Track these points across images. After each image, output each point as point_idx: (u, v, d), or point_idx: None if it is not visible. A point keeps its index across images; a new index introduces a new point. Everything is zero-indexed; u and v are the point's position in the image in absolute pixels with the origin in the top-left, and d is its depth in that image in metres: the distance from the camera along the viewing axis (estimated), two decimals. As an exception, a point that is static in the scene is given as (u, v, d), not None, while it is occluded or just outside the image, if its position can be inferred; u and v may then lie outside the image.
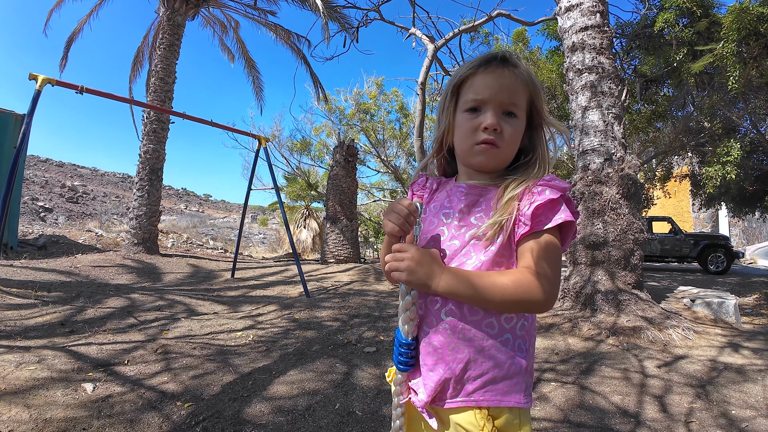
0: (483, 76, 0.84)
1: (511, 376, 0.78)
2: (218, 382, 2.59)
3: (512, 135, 0.84)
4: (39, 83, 3.98)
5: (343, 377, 2.82)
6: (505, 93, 0.83)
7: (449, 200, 0.91)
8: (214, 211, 34.22)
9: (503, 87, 0.83)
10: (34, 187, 21.00)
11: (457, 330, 0.78)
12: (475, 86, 0.85)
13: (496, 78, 0.83)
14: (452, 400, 0.79)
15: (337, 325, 4.13)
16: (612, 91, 4.81)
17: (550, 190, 0.78)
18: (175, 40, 9.04)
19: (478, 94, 0.84)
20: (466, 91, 0.86)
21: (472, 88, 0.85)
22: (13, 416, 1.96)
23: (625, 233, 4.28)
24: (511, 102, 0.84)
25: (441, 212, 0.90)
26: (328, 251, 9.44)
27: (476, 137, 0.84)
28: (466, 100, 0.86)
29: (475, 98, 0.84)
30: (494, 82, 0.83)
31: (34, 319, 3.77)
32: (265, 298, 5.34)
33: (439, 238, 0.87)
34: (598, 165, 4.58)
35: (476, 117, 0.84)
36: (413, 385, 0.85)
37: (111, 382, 2.47)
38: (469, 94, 0.85)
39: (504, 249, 0.80)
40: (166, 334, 3.54)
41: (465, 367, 0.78)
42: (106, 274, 6.17)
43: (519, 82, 0.84)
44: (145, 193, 8.31)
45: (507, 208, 0.79)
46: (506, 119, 0.84)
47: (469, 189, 0.89)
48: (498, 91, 0.83)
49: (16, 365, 2.52)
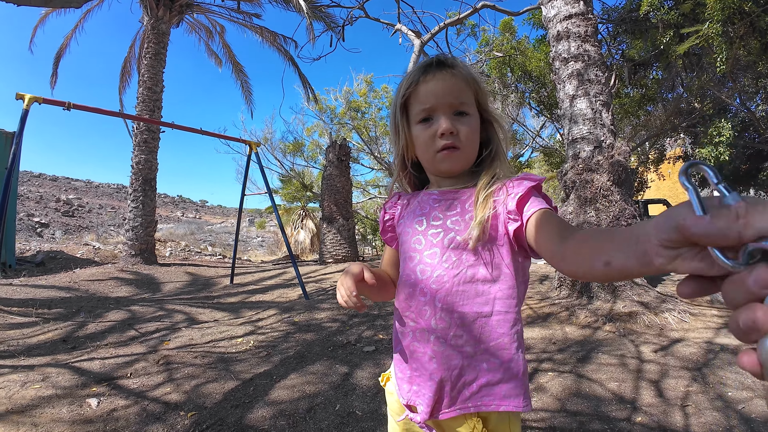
0: (425, 85, 0.84)
1: (507, 380, 0.78)
2: (220, 389, 2.62)
3: (469, 133, 0.84)
4: (26, 102, 3.99)
5: (343, 378, 2.85)
6: (450, 95, 0.83)
7: (421, 208, 0.91)
8: (211, 216, 34.18)
9: (446, 90, 0.83)
10: (29, 203, 20.93)
11: (448, 338, 0.79)
12: (420, 97, 0.85)
13: (437, 83, 0.83)
14: (449, 409, 0.79)
15: (337, 326, 4.16)
16: (599, 78, 4.83)
17: (527, 180, 0.78)
18: (160, 49, 9.01)
19: (424, 103, 0.84)
20: (413, 104, 0.87)
21: (417, 100, 0.85)
22: (20, 436, 1.98)
23: (617, 219, 4.31)
24: (459, 101, 0.84)
25: (414, 221, 0.90)
26: (326, 251, 9.47)
27: (435, 145, 0.84)
28: (416, 113, 0.86)
29: (423, 108, 0.85)
30: (436, 87, 0.83)
31: (36, 337, 3.79)
32: (265, 303, 5.37)
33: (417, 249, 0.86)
34: (588, 153, 4.61)
35: (430, 126, 0.85)
36: (410, 401, 0.85)
37: (115, 395, 2.50)
38: (417, 105, 0.86)
39: (486, 250, 0.79)
40: (168, 345, 3.57)
41: (459, 373, 0.78)
42: (106, 287, 6.19)
43: (460, 81, 0.84)
44: (140, 204, 8.31)
45: (485, 207, 0.78)
46: (459, 119, 0.84)
47: (441, 195, 0.89)
48: (443, 95, 0.83)
49: (21, 384, 2.55)
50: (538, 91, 10.31)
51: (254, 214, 27.15)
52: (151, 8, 8.93)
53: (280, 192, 15.30)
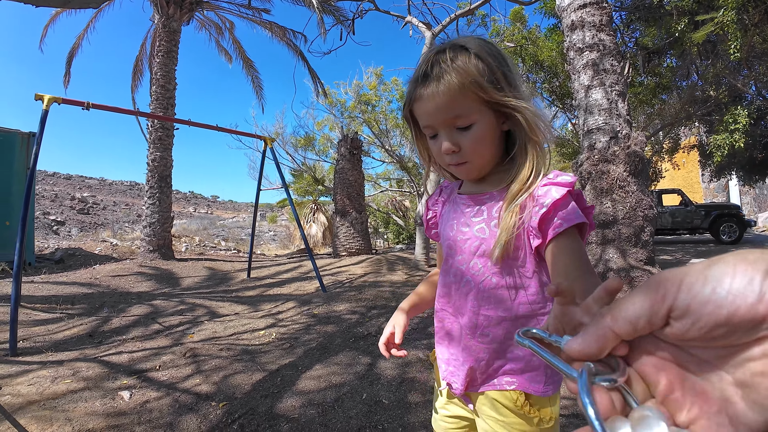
0: (418, 104, 0.80)
1: (530, 370, 0.83)
2: (248, 380, 2.69)
3: (473, 145, 0.79)
4: (46, 103, 4.00)
5: (367, 368, 2.90)
6: (442, 112, 0.77)
7: (454, 211, 0.91)
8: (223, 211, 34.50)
9: (437, 108, 0.77)
10: (45, 202, 21.30)
11: (476, 335, 0.85)
12: (419, 116, 0.82)
13: (427, 103, 0.78)
14: (484, 385, 0.86)
15: (356, 318, 4.22)
16: (614, 68, 4.79)
17: (555, 188, 0.74)
18: (172, 47, 9.08)
19: (424, 122, 0.82)
20: (418, 120, 0.84)
21: (419, 117, 0.83)
22: (56, 430, 2.02)
23: (634, 210, 4.30)
24: (454, 116, 0.77)
25: (447, 225, 0.91)
26: (340, 244, 9.54)
27: (443, 161, 0.83)
28: (423, 128, 0.84)
29: (425, 126, 0.83)
30: (428, 107, 0.78)
31: (62, 332, 3.90)
32: (283, 296, 5.45)
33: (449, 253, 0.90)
34: (603, 144, 4.59)
35: (436, 142, 0.82)
36: (446, 378, 0.92)
37: (146, 388, 2.58)
38: (420, 122, 0.83)
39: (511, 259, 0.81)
40: (192, 338, 3.66)
41: (487, 363, 0.85)
42: (126, 282, 6.32)
43: (452, 92, 0.75)
44: (156, 201, 8.44)
45: (510, 224, 0.76)
46: (461, 133, 0.79)
47: (470, 199, 0.88)
48: (435, 114, 0.78)
49: (51, 380, 2.62)
50: (550, 81, 10.22)
51: (266, 209, 27.36)
52: (162, 6, 9.00)
53: (292, 186, 15.40)
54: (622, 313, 0.28)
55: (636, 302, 0.27)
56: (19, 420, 2.07)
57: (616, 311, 0.28)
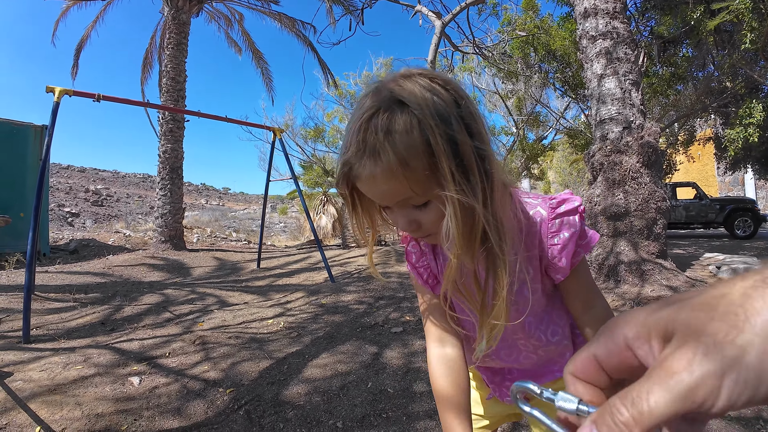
0: (358, 182, 0.61)
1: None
2: (255, 368, 2.71)
3: (434, 222, 0.62)
4: (57, 95, 4.05)
5: (373, 358, 2.91)
6: (387, 198, 0.61)
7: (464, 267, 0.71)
8: (234, 203, 34.78)
9: (381, 194, 0.60)
10: (59, 194, 21.66)
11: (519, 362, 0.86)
12: (362, 189, 0.62)
13: (366, 184, 0.60)
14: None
15: (364, 308, 4.23)
16: (628, 56, 4.69)
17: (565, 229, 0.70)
18: (182, 39, 9.11)
19: (371, 197, 0.63)
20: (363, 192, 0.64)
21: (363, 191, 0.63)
22: (65, 415, 2.06)
23: (647, 202, 4.23)
24: (404, 198, 0.60)
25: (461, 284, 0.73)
26: (349, 235, 9.57)
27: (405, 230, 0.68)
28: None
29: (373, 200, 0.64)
30: (368, 189, 0.61)
31: (74, 321, 3.97)
32: (292, 286, 5.49)
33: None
34: (616, 134, 4.51)
35: (390, 213, 0.65)
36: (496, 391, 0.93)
37: (155, 374, 2.62)
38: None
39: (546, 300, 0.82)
40: (202, 326, 3.70)
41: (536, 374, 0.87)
42: (138, 272, 6.41)
43: (393, 174, 0.56)
44: (168, 192, 8.53)
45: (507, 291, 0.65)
46: (418, 210, 0.62)
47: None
48: (382, 199, 0.62)
49: (63, 366, 2.67)
50: (562, 71, 10.06)
51: (276, 201, 27.51)
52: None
53: (301, 178, 15.42)
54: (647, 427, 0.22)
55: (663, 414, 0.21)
56: (30, 405, 2.11)
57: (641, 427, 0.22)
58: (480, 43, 9.76)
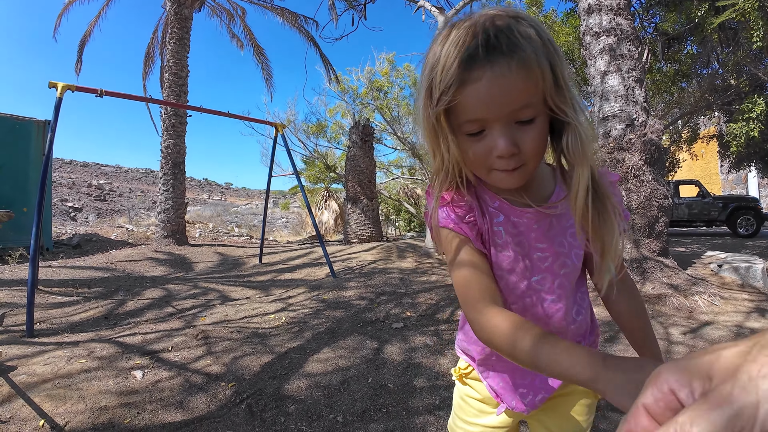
0: (472, 88, 0.57)
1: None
2: (257, 362, 2.74)
3: (535, 145, 0.61)
4: (59, 91, 4.02)
5: (374, 353, 2.93)
6: (509, 102, 0.57)
7: (514, 228, 0.72)
8: (236, 198, 34.83)
9: (503, 93, 0.57)
10: (62, 189, 21.72)
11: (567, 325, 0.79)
12: (465, 106, 0.59)
13: (490, 87, 0.56)
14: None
15: (365, 304, 4.25)
16: (631, 53, 4.67)
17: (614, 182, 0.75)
18: (184, 34, 9.09)
19: (472, 114, 0.59)
20: (456, 113, 0.61)
21: (462, 109, 0.59)
22: (69, 408, 2.08)
23: (648, 200, 4.22)
24: (523, 106, 0.58)
25: (511, 245, 0.72)
26: (351, 231, 9.58)
27: (490, 164, 0.63)
28: (461, 123, 0.61)
29: (469, 120, 0.60)
30: (489, 93, 0.57)
31: (78, 315, 4.00)
32: (294, 281, 5.51)
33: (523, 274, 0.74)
34: (619, 131, 4.50)
35: (481, 140, 0.61)
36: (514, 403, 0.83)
37: (158, 368, 2.64)
38: (461, 115, 0.60)
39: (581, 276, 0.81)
40: (204, 321, 3.72)
41: None
42: (141, 267, 6.44)
43: (523, 75, 0.56)
44: (170, 187, 8.54)
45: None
46: (522, 129, 0.60)
47: (537, 215, 0.72)
48: (497, 102, 0.57)
49: (66, 360, 2.69)
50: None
51: (278, 196, 27.54)
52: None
53: (303, 173, 15.45)
54: None
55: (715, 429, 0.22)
56: (34, 398, 2.13)
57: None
58: (483, 38, 9.72)
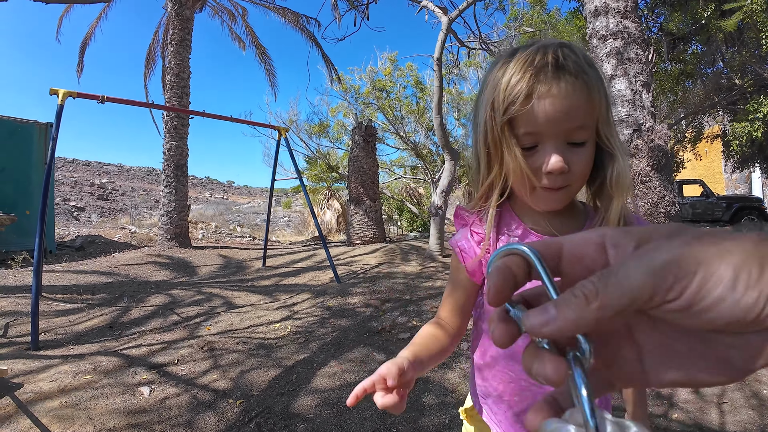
0: (538, 102, 0.61)
1: None
2: (264, 377, 2.72)
3: (583, 168, 0.64)
4: (60, 98, 3.95)
5: (382, 367, 2.91)
6: (569, 120, 0.61)
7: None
8: (238, 197, 34.82)
9: (564, 112, 0.60)
10: (65, 188, 21.73)
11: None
12: (527, 116, 0.62)
13: (554, 102, 0.60)
14: None
15: (370, 312, 4.22)
16: (639, 57, 4.62)
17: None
18: (185, 35, 9.04)
19: (530, 126, 0.62)
20: (516, 124, 0.64)
21: (522, 120, 0.63)
22: (78, 429, 2.05)
23: (656, 207, 4.19)
24: (578, 126, 0.62)
25: None
26: (354, 233, 9.55)
27: (537, 181, 0.65)
28: (518, 136, 0.64)
29: (527, 132, 0.63)
30: (552, 108, 0.60)
31: (82, 324, 3.98)
32: (298, 287, 5.49)
33: None
34: (626, 136, 4.45)
35: (533, 155, 0.64)
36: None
37: (165, 383, 2.63)
38: (521, 128, 0.64)
39: None
40: (209, 330, 3.71)
41: None
42: (145, 271, 6.43)
43: (585, 96, 0.61)
44: (173, 190, 8.52)
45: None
46: (573, 150, 0.63)
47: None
48: (559, 118, 0.61)
49: (73, 375, 2.68)
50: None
51: (280, 194, 27.50)
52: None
53: (306, 173, 15.42)
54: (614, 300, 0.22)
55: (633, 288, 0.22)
56: (42, 419, 2.12)
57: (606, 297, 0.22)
58: (486, 38, 9.65)
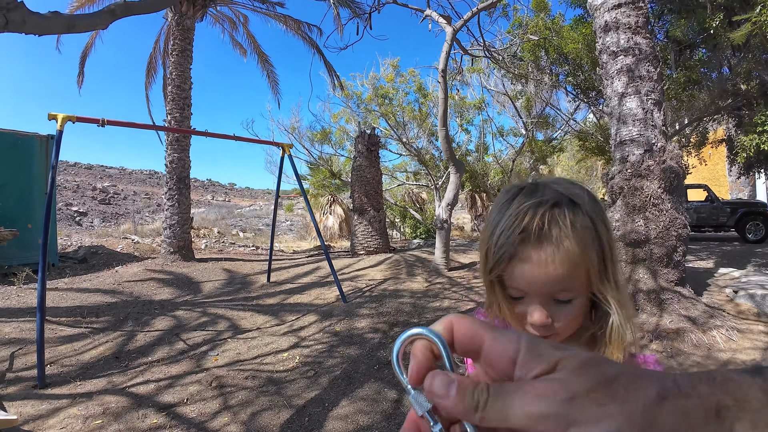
0: (519, 266, 0.64)
1: None
2: (276, 420, 2.67)
3: (568, 322, 0.67)
4: (60, 123, 3.83)
5: (394, 406, 2.86)
6: (550, 284, 0.63)
7: None
8: (240, 199, 34.79)
9: (546, 278, 0.63)
10: (67, 193, 21.69)
11: None
12: (514, 274, 0.65)
13: (534, 267, 0.63)
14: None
15: (378, 338, 4.17)
16: (650, 74, 4.54)
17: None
18: (186, 45, 8.98)
19: (518, 284, 0.65)
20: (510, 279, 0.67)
21: (512, 276, 0.66)
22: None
23: (667, 230, 4.12)
24: (562, 290, 0.64)
25: None
26: (358, 243, 9.50)
27: (524, 324, 0.69)
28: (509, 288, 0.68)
29: (515, 288, 0.66)
30: (531, 272, 0.63)
31: (88, 352, 3.94)
32: (303, 306, 5.43)
33: None
34: (637, 157, 4.39)
35: (521, 304, 0.68)
36: None
37: (176, 427, 2.58)
38: (509, 280, 0.67)
39: None
40: (216, 361, 3.66)
41: None
42: (148, 289, 6.38)
43: (570, 263, 0.62)
44: (176, 202, 8.47)
45: None
46: (558, 306, 0.66)
47: None
48: (540, 284, 0.63)
49: (83, 421, 2.63)
50: (574, 75, 9.86)
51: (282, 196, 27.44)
52: (175, 4, 8.86)
53: (308, 180, 15.35)
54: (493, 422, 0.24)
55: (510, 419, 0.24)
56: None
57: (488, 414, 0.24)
58: (490, 45, 9.57)
